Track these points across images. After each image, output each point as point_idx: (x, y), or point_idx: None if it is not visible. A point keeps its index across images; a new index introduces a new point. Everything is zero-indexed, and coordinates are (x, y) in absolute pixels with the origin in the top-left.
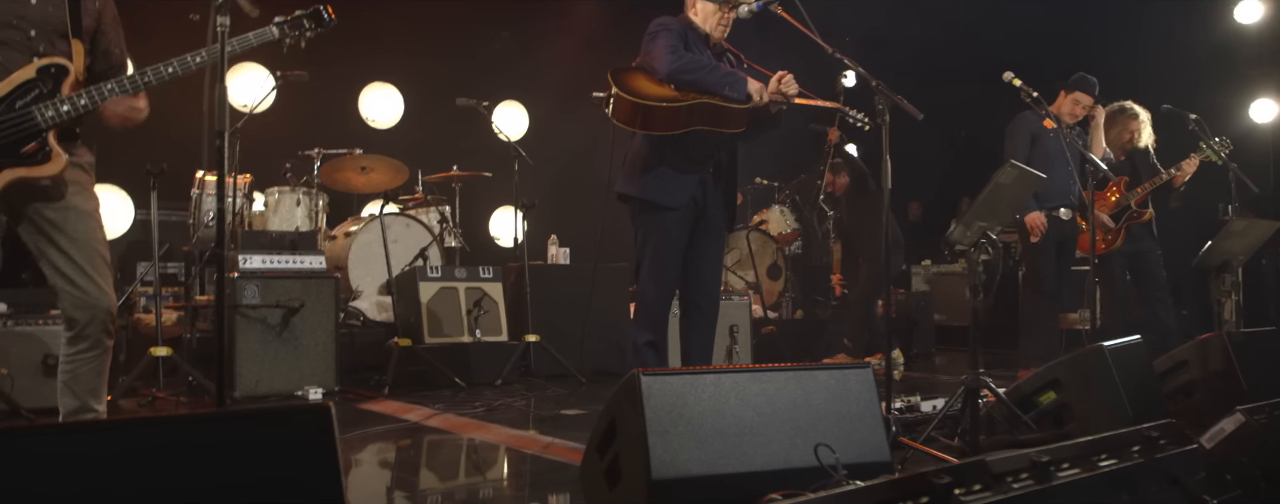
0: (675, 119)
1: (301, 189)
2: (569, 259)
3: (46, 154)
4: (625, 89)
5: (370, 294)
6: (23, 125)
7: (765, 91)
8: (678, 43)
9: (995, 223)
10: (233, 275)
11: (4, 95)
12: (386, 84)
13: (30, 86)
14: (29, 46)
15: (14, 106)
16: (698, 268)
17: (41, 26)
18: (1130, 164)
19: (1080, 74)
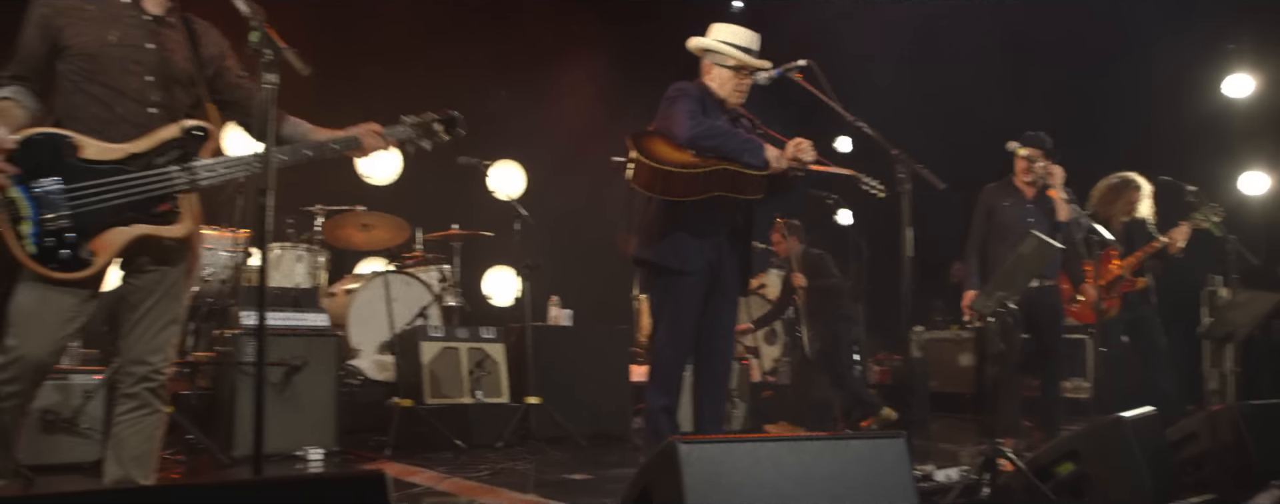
0: (694, 185)
1: (303, 245)
2: (571, 321)
3: (176, 215)
4: (646, 154)
5: (369, 353)
6: (161, 184)
7: (783, 158)
8: (696, 108)
9: (1014, 293)
10: (235, 331)
11: (145, 150)
12: None
13: (173, 145)
14: (144, 95)
15: (153, 164)
16: (712, 331)
17: (158, 72)
18: (1125, 233)
19: (1028, 132)
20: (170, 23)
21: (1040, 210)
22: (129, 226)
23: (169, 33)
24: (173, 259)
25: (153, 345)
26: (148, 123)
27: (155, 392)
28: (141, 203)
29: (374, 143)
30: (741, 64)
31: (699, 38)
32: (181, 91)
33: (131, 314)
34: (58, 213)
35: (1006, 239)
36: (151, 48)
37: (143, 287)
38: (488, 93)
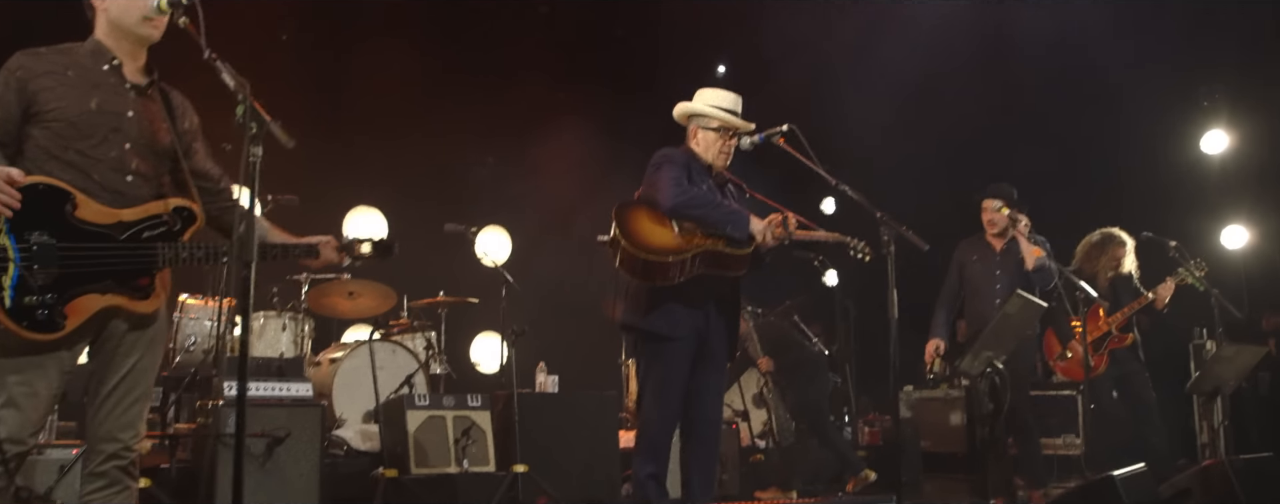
0: (679, 271)
1: (288, 314)
2: (557, 387)
3: (151, 290)
4: (630, 238)
5: (354, 422)
6: (144, 258)
7: (769, 232)
8: (681, 175)
9: (1001, 352)
10: (217, 402)
11: (134, 221)
12: (371, 208)
13: (160, 221)
14: (123, 163)
15: (141, 236)
16: (700, 398)
17: (137, 142)
18: (1111, 290)
19: (993, 183)
20: (150, 94)
21: (1009, 262)
22: (104, 295)
23: (149, 103)
24: (142, 334)
25: (123, 421)
26: (125, 190)
27: (125, 469)
28: (123, 274)
29: (329, 254)
30: (725, 125)
31: (685, 103)
32: (158, 163)
33: (100, 389)
34: (47, 267)
35: (978, 294)
36: (132, 116)
37: (111, 361)
38: (475, 160)
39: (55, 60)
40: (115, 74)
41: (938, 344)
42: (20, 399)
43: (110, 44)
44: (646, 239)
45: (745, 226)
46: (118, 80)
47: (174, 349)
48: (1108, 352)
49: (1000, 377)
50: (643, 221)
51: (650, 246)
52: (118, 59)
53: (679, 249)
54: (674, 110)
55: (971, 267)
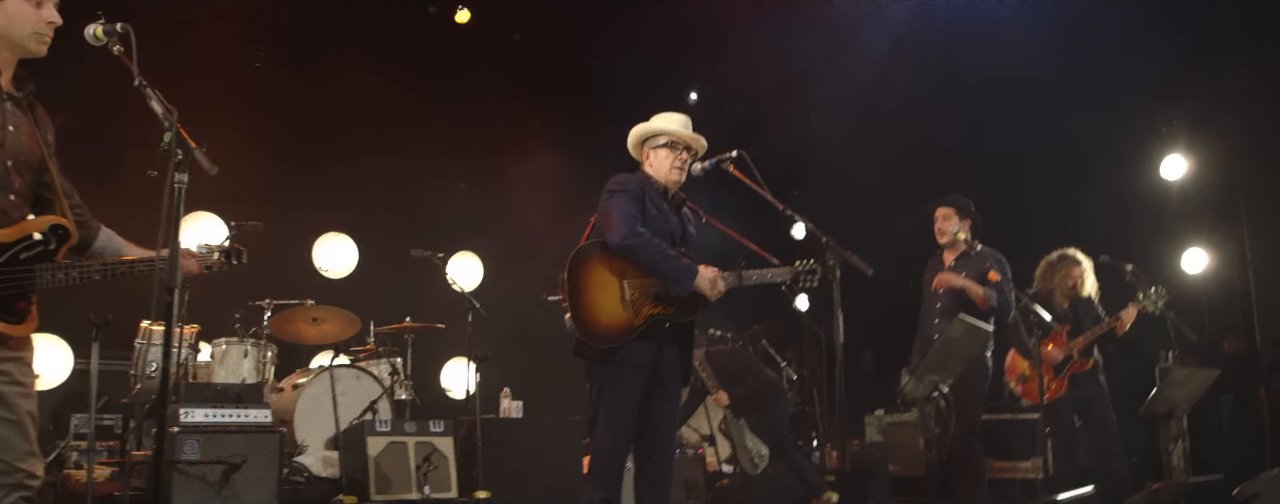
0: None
1: (250, 340)
2: (522, 412)
3: (27, 314)
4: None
5: (316, 448)
6: (24, 282)
7: (712, 289)
8: (634, 208)
9: (947, 376)
10: (173, 429)
11: (10, 242)
12: (341, 234)
13: (36, 243)
14: (6, 180)
15: (18, 259)
16: (652, 423)
17: (16, 158)
18: (1073, 312)
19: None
20: (24, 106)
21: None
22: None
23: (22, 116)
24: (18, 360)
25: (20, 450)
26: (8, 209)
27: (29, 499)
28: (3, 299)
29: (187, 264)
30: (674, 138)
31: (635, 129)
32: (34, 179)
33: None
34: None
35: (924, 313)
36: (11, 130)
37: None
38: (447, 185)
39: None
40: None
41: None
42: None
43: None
44: (594, 317)
45: (689, 284)
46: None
47: (135, 376)
48: (1068, 375)
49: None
50: (592, 290)
51: (597, 330)
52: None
53: (626, 328)
54: (628, 140)
55: (925, 285)
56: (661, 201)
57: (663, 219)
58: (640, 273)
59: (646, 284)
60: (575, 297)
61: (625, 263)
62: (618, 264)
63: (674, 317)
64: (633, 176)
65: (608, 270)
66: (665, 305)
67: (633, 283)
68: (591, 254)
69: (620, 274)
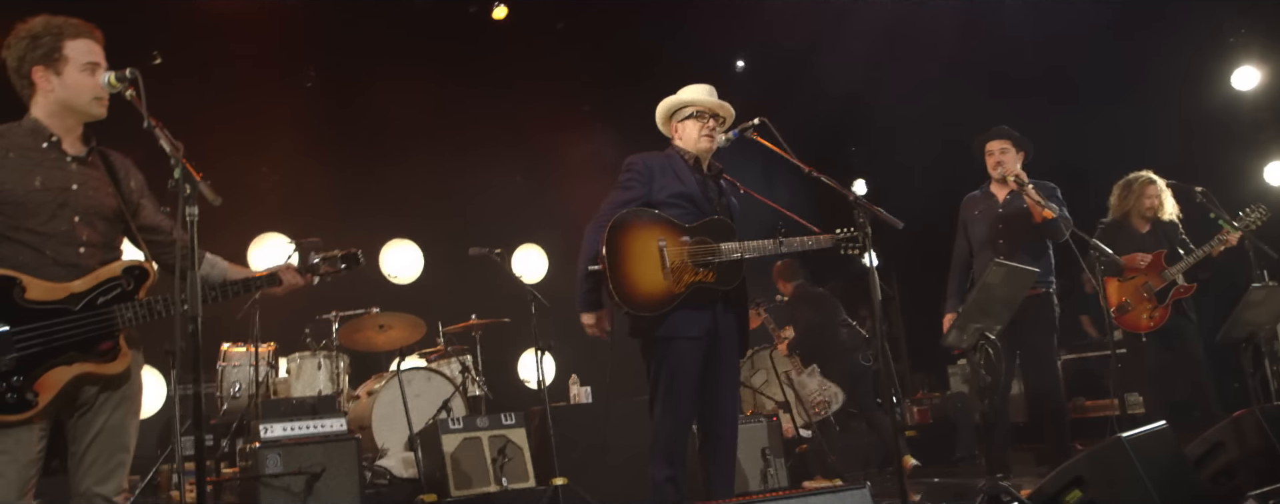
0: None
1: (322, 352)
2: (591, 397)
3: (117, 352)
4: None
5: (396, 451)
6: (103, 323)
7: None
8: (628, 197)
9: (992, 323)
10: (255, 445)
11: (86, 290)
12: (406, 241)
13: (113, 284)
14: (74, 236)
15: (96, 303)
16: (714, 396)
17: (84, 213)
18: (1159, 237)
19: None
20: (91, 161)
21: (1013, 214)
22: (71, 365)
23: (91, 172)
24: (113, 394)
25: (100, 476)
26: (78, 262)
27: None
28: (84, 343)
29: (290, 278)
30: (699, 107)
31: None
32: (108, 228)
33: (76, 449)
34: (5, 356)
35: (982, 253)
36: (75, 188)
37: (83, 423)
38: (503, 180)
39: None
40: (55, 150)
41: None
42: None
43: (50, 122)
44: (634, 285)
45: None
46: (58, 155)
47: (220, 397)
48: (1171, 302)
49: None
50: (632, 259)
51: (637, 299)
52: (56, 135)
53: (667, 296)
54: (656, 116)
55: (974, 223)
56: (692, 173)
57: (695, 190)
58: (681, 239)
59: (688, 251)
60: (615, 265)
61: (665, 229)
62: (657, 230)
63: (717, 284)
64: (650, 155)
65: (648, 237)
66: (707, 272)
67: (673, 250)
68: (629, 221)
69: (661, 241)
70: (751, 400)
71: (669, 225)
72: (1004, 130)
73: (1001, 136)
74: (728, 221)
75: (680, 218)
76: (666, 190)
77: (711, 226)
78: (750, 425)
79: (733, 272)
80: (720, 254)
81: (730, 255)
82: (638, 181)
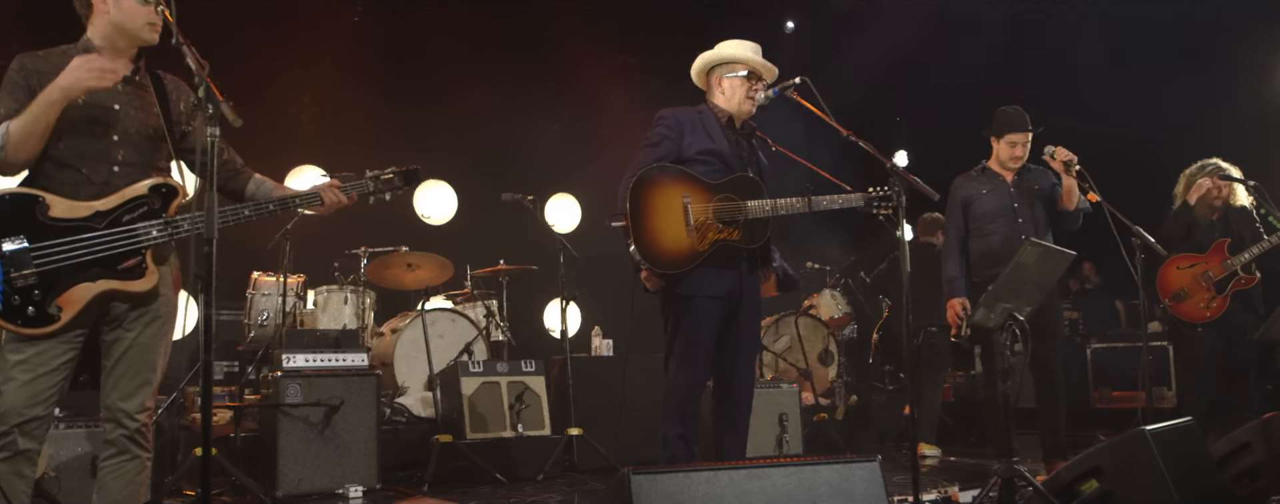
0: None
1: (350, 287)
2: (612, 350)
3: (142, 270)
4: (641, 242)
5: (416, 390)
6: (127, 240)
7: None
8: (657, 154)
9: (1022, 304)
10: (277, 374)
11: (112, 208)
12: (440, 182)
13: (139, 203)
14: (109, 154)
15: (121, 220)
16: (732, 358)
17: (124, 133)
18: (1228, 225)
19: (1001, 110)
20: (139, 81)
21: (1027, 192)
22: (95, 282)
23: (137, 92)
24: (143, 311)
25: (125, 392)
26: (111, 181)
27: (132, 438)
28: (107, 259)
29: (333, 197)
30: (753, 69)
31: (704, 55)
32: (150, 149)
33: (106, 363)
34: (23, 271)
35: (987, 231)
36: (117, 108)
37: (114, 339)
38: (544, 127)
39: (52, 62)
40: None
41: (964, 303)
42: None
43: (103, 44)
44: (657, 242)
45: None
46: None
47: (248, 324)
48: (1231, 293)
49: (1021, 329)
50: (656, 214)
51: (660, 256)
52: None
53: (691, 254)
54: (692, 69)
55: (982, 201)
56: (724, 131)
57: (725, 148)
58: (707, 196)
59: (713, 208)
60: (638, 221)
61: (691, 186)
62: (683, 187)
63: (741, 242)
64: (681, 111)
65: (673, 194)
66: (732, 230)
67: (698, 207)
68: (655, 177)
69: (685, 198)
70: (774, 365)
71: (695, 182)
72: (1028, 122)
73: (1027, 129)
74: (756, 179)
75: (708, 175)
76: (696, 147)
77: (738, 183)
78: (769, 390)
79: (759, 229)
80: (746, 212)
81: (756, 213)
82: (667, 137)
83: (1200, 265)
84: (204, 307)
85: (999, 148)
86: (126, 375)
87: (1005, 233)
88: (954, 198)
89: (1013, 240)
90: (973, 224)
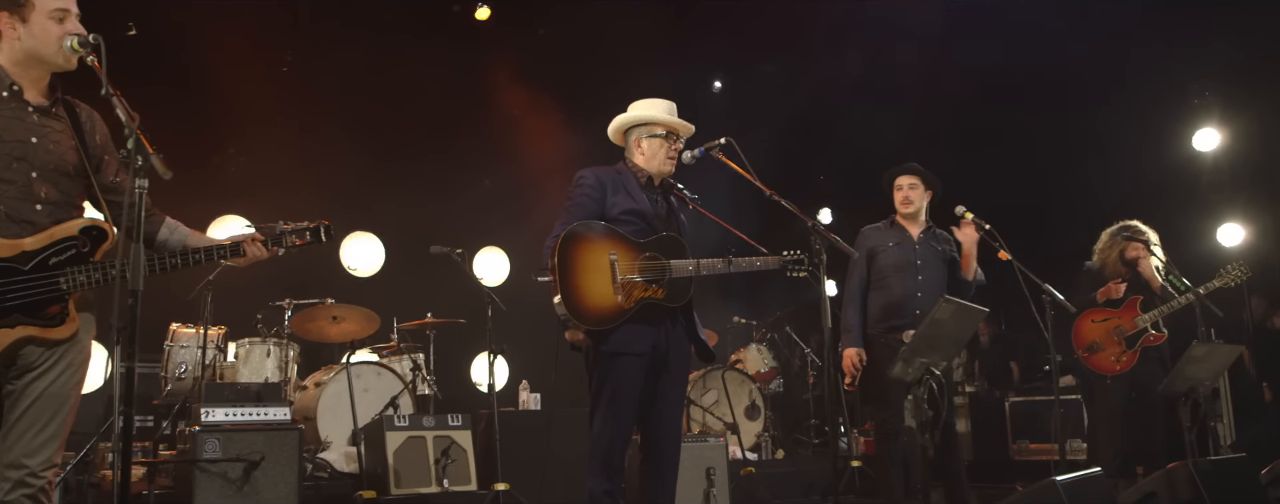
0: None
1: (273, 340)
2: (540, 404)
3: (64, 316)
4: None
5: (340, 445)
6: (52, 287)
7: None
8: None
9: (938, 358)
10: (195, 428)
11: (39, 249)
12: (368, 233)
13: (68, 244)
14: (31, 191)
15: (47, 264)
16: (659, 412)
17: (43, 168)
18: (1138, 283)
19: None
20: (55, 113)
21: (930, 250)
22: (14, 329)
23: (53, 124)
24: (57, 360)
25: (30, 447)
26: (35, 219)
27: (35, 497)
28: (30, 305)
29: (254, 250)
30: (670, 129)
31: (619, 117)
32: (69, 184)
33: (9, 415)
34: None
35: (888, 284)
36: (35, 142)
37: (20, 388)
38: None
39: None
40: (16, 99)
41: (860, 353)
42: None
43: (14, 71)
44: (584, 298)
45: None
46: (18, 105)
47: (165, 377)
48: (1140, 348)
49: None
50: (583, 271)
51: (585, 312)
52: (17, 84)
53: (616, 311)
54: (609, 128)
55: (887, 253)
56: (644, 189)
57: (646, 207)
58: (633, 255)
59: (639, 266)
60: (565, 277)
61: (617, 244)
62: (609, 245)
63: (665, 300)
64: (601, 170)
65: (600, 251)
66: (657, 288)
67: (625, 265)
68: (582, 234)
69: (612, 256)
70: (701, 419)
71: (622, 240)
72: (914, 167)
73: (912, 173)
74: (679, 238)
75: (633, 234)
76: (619, 207)
77: (663, 243)
78: (696, 444)
79: (682, 289)
80: (671, 271)
81: (680, 272)
82: (591, 197)
83: (1113, 320)
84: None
85: (894, 199)
86: (32, 428)
87: (904, 288)
88: (860, 248)
89: (911, 296)
90: (875, 275)
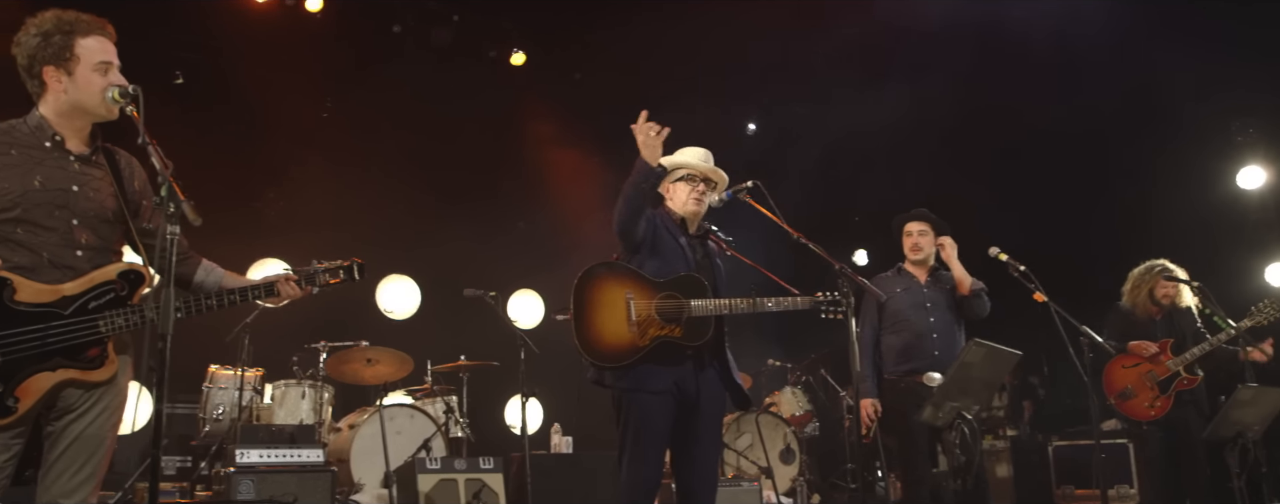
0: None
1: (308, 382)
2: (572, 447)
3: (103, 358)
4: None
5: (372, 486)
6: (92, 330)
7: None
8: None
9: (970, 402)
10: (230, 470)
11: (79, 293)
12: (403, 276)
13: (107, 288)
14: (72, 237)
15: (87, 308)
16: (691, 454)
17: (83, 215)
18: (1171, 324)
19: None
20: (95, 161)
21: (939, 292)
22: (55, 372)
23: (93, 171)
24: (96, 402)
25: (68, 487)
26: (76, 265)
27: None
28: (70, 349)
29: (289, 290)
30: (691, 170)
31: None
32: (108, 230)
33: (49, 456)
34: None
35: (900, 328)
36: (76, 190)
37: (60, 429)
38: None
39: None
40: (58, 149)
41: (875, 404)
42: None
43: (57, 121)
44: (598, 336)
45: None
46: (61, 155)
47: (203, 418)
48: (1174, 393)
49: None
50: (599, 308)
51: (600, 349)
52: (60, 135)
53: (630, 348)
54: None
55: (896, 299)
56: (679, 234)
57: (681, 251)
58: (650, 294)
59: (656, 305)
60: (581, 315)
61: (634, 284)
62: (627, 284)
63: (682, 339)
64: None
65: (616, 290)
66: (673, 327)
67: (641, 304)
68: (601, 274)
69: (628, 294)
70: (735, 463)
71: (639, 280)
72: (924, 213)
73: (921, 219)
74: (700, 278)
75: (657, 274)
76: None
77: (683, 282)
78: (731, 489)
79: (701, 328)
80: (688, 310)
81: (700, 311)
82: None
83: (1145, 364)
84: (155, 402)
85: (903, 245)
86: (71, 468)
87: (917, 329)
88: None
89: (926, 336)
90: (887, 321)
